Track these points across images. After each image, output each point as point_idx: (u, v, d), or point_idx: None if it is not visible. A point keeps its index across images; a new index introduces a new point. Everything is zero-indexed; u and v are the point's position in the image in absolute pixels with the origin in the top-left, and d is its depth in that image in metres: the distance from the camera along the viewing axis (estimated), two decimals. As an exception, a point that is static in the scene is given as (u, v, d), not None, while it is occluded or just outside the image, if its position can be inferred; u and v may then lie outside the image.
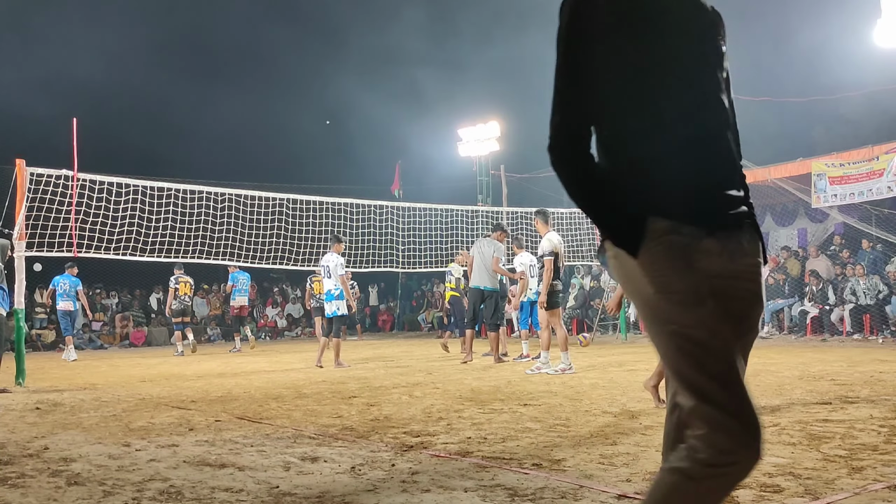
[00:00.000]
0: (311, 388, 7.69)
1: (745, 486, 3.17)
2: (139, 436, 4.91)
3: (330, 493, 3.29)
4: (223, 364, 11.96)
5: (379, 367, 10.12)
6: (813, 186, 14.62)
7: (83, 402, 6.90)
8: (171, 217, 11.03)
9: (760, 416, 1.59)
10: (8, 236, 8.88)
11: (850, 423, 4.62)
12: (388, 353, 11.39)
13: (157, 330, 21.14)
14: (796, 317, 14.38)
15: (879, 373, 7.57)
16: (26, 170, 9.02)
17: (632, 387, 6.88)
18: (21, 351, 8.88)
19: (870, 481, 3.23)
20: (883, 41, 13.21)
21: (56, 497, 3.37)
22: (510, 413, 5.47)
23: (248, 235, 11.91)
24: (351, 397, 6.75)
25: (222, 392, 7.51)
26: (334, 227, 12.98)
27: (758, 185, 16.23)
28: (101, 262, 13.34)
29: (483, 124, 21.19)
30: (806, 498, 3.01)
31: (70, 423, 5.62)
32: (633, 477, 3.41)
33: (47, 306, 16.46)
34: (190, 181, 12.73)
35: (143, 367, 11.63)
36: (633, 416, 5.15)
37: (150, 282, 21.44)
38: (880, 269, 13.87)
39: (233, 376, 9.46)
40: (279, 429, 5.09)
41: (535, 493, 3.18)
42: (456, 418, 5.30)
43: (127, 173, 10.91)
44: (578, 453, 3.96)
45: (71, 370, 11.47)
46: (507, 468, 3.67)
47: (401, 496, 3.23)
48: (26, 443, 4.77)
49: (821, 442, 4.08)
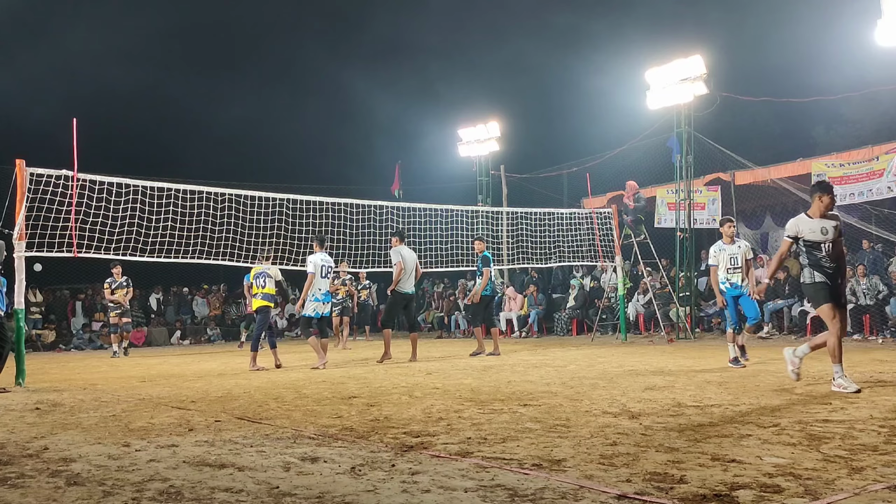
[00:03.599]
0: (311, 388, 7.68)
1: (745, 486, 3.18)
2: (139, 436, 4.91)
3: (330, 493, 3.29)
4: (223, 364, 11.96)
5: (379, 368, 10.11)
6: (813, 186, 14.60)
7: (83, 402, 6.90)
8: (171, 217, 11.01)
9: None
10: (7, 237, 8.88)
11: (850, 423, 4.62)
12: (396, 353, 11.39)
13: (157, 330, 21.15)
14: (796, 317, 14.37)
15: (879, 373, 7.57)
16: (26, 170, 9.01)
17: (632, 387, 6.88)
18: (21, 351, 8.88)
19: (870, 481, 3.23)
20: (883, 41, 13.19)
21: (56, 497, 3.36)
22: (510, 413, 5.46)
23: (248, 235, 11.90)
24: (351, 397, 6.75)
25: (222, 392, 7.50)
26: (334, 227, 12.97)
27: (758, 185, 16.26)
28: (101, 262, 13.35)
29: (483, 124, 21.19)
30: (806, 498, 3.01)
31: (70, 423, 5.62)
32: (633, 477, 3.41)
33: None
34: (190, 181, 12.73)
35: (143, 367, 11.64)
36: (633, 416, 5.15)
37: (150, 282, 21.45)
38: (880, 269, 13.86)
39: (233, 376, 9.46)
40: (279, 429, 5.08)
41: (535, 493, 3.18)
42: (456, 418, 5.29)
43: (127, 173, 10.90)
44: (578, 453, 3.96)
45: (71, 370, 11.48)
46: (507, 468, 3.66)
47: (401, 496, 3.23)
48: (26, 443, 4.77)
49: (821, 442, 4.08)
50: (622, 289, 15.67)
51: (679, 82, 15.44)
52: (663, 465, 3.61)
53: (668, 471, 3.50)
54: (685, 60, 15.35)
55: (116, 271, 15.01)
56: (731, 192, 16.30)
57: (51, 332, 19.30)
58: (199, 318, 22.31)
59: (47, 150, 11.90)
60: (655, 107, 16.21)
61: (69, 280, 20.40)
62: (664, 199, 17.03)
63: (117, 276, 15.07)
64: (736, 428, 4.57)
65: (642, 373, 8.27)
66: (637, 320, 16.93)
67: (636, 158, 18.08)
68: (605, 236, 15.89)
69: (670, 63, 15.54)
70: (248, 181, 14.70)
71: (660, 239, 16.77)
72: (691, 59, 15.27)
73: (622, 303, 15.70)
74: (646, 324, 16.82)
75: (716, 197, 16.36)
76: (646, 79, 16.02)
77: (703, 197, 16.40)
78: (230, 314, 22.66)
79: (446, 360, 11.15)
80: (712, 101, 15.74)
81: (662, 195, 17.10)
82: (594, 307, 17.42)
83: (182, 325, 21.67)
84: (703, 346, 13.09)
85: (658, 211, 17.26)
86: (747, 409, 5.35)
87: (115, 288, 15.05)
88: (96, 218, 10.04)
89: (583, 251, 15.90)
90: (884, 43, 13.20)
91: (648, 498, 3.06)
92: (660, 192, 17.21)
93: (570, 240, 15.79)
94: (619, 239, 15.81)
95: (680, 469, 3.53)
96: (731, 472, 3.45)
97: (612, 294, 16.80)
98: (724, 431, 4.46)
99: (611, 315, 17.11)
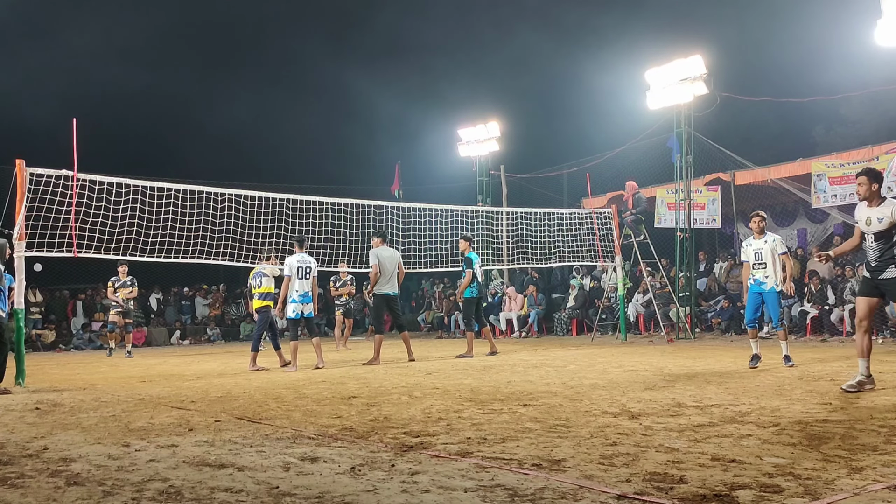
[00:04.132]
0: (311, 388, 7.68)
1: (745, 486, 3.18)
2: (139, 436, 4.91)
3: (330, 493, 3.29)
4: (223, 364, 11.96)
5: (379, 368, 10.11)
6: (813, 186, 14.62)
7: (83, 403, 6.90)
8: (171, 217, 11.01)
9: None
10: (8, 236, 8.88)
11: (850, 423, 4.62)
12: (388, 354, 11.39)
13: (157, 330, 21.15)
14: (796, 317, 14.37)
15: (879, 373, 7.57)
16: (26, 170, 9.01)
17: (632, 387, 6.88)
18: (21, 351, 8.87)
19: (870, 481, 3.23)
20: (883, 41, 13.19)
21: (55, 497, 3.36)
22: (510, 413, 5.46)
23: (249, 235, 11.90)
24: (350, 397, 6.75)
25: (222, 392, 7.50)
26: (334, 227, 12.97)
27: (758, 185, 16.25)
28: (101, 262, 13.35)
29: (483, 124, 21.19)
30: (806, 498, 3.01)
31: (69, 423, 5.61)
32: (633, 477, 3.41)
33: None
34: (190, 181, 12.73)
35: (143, 367, 11.64)
36: (633, 416, 5.15)
37: (150, 282, 21.45)
38: (880, 269, 13.84)
39: (233, 376, 9.46)
40: (279, 429, 5.08)
41: (535, 493, 3.18)
42: (456, 418, 5.29)
43: (127, 173, 10.89)
44: (578, 453, 3.96)
45: (71, 370, 11.47)
46: (507, 468, 3.66)
47: (401, 496, 3.23)
48: (26, 443, 4.76)
49: (821, 442, 4.07)
50: (622, 289, 15.67)
51: (679, 82, 15.43)
52: (663, 465, 3.61)
53: (668, 471, 3.50)
54: (685, 60, 15.34)
55: (122, 270, 14.78)
56: (731, 192, 16.29)
57: (51, 332, 19.30)
58: (199, 318, 22.31)
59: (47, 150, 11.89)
60: (655, 107, 16.20)
61: (69, 280, 20.40)
62: (664, 199, 17.03)
63: (122, 274, 14.85)
64: (736, 428, 4.57)
65: (642, 373, 8.27)
66: (637, 320, 16.92)
67: (636, 158, 18.08)
68: (605, 236, 15.89)
69: (670, 63, 15.54)
70: (248, 181, 14.71)
71: (660, 239, 16.77)
72: (691, 59, 15.27)
73: (622, 303, 15.70)
74: (646, 324, 16.82)
75: (716, 197, 16.36)
76: (646, 79, 16.02)
77: (703, 197, 16.40)
78: (230, 314, 22.66)
79: (446, 360, 11.15)
80: (712, 101, 15.74)
81: (662, 195, 17.10)
82: (594, 307, 17.42)
83: (182, 325, 21.67)
84: (703, 346, 13.09)
85: (658, 211, 17.26)
86: (747, 409, 5.35)
87: (118, 286, 14.88)
88: (96, 218, 10.04)
89: (583, 251, 15.91)
90: (884, 43, 13.20)
91: (648, 498, 3.06)
92: (660, 192, 17.20)
93: (570, 240, 15.79)
94: (619, 239, 15.81)
95: (680, 469, 3.53)
96: (731, 472, 3.45)
97: (612, 294, 16.80)
98: (724, 431, 4.46)
99: (611, 315, 17.11)
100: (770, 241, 8.67)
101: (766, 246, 8.65)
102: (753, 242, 8.81)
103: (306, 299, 10.29)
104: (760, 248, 8.68)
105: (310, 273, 10.35)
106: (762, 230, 8.79)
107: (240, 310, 22.60)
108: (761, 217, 8.88)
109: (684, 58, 15.36)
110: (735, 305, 15.48)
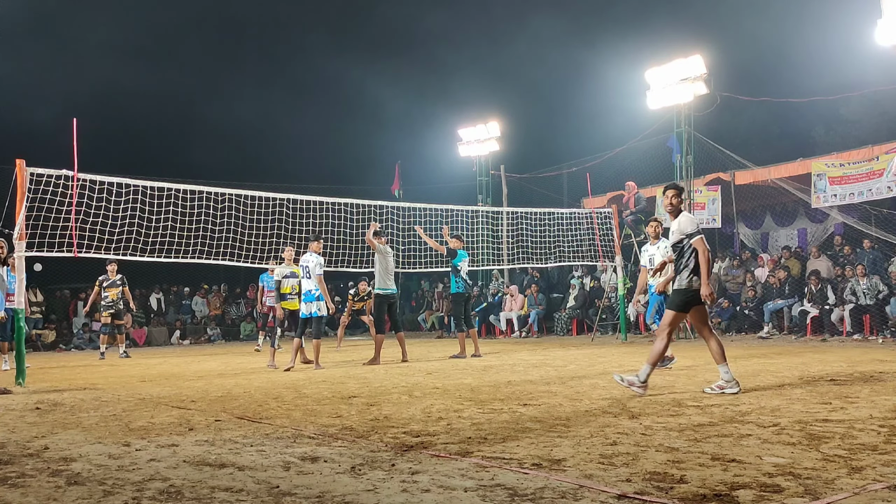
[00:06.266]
0: (311, 388, 7.69)
1: (746, 486, 3.18)
2: (139, 435, 4.91)
3: (330, 493, 3.29)
4: (223, 364, 11.96)
5: (379, 367, 10.12)
6: (813, 186, 14.62)
7: (83, 402, 6.90)
8: (171, 217, 11.01)
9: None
10: (7, 237, 8.87)
11: (850, 423, 4.62)
12: (388, 354, 11.39)
13: (157, 330, 21.15)
14: (796, 317, 14.37)
15: (879, 373, 7.57)
16: (26, 170, 9.01)
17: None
18: (21, 351, 8.88)
19: (870, 481, 3.23)
20: (883, 41, 13.20)
21: (56, 497, 3.37)
22: (510, 413, 5.47)
23: (249, 235, 11.90)
24: (351, 397, 6.75)
25: (222, 392, 7.51)
26: (334, 227, 12.97)
27: (758, 185, 16.26)
28: (102, 263, 13.34)
29: (483, 124, 21.19)
30: (806, 498, 3.01)
31: (70, 422, 5.62)
32: (633, 477, 3.41)
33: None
34: (190, 181, 12.72)
35: (143, 367, 11.64)
36: (633, 416, 5.15)
37: (150, 282, 21.46)
38: (880, 269, 13.86)
39: (233, 376, 9.47)
40: (279, 429, 5.08)
41: (535, 493, 3.18)
42: (456, 418, 5.30)
43: (127, 173, 10.90)
44: (578, 453, 3.96)
45: (71, 370, 11.47)
46: (506, 468, 3.67)
47: (401, 496, 3.23)
48: (26, 442, 4.77)
49: (821, 442, 4.08)
50: (622, 289, 15.67)
51: (679, 82, 15.45)
52: (663, 465, 3.61)
53: (668, 470, 3.50)
54: (685, 60, 15.35)
55: (111, 269, 14.32)
56: (731, 192, 16.30)
57: (51, 332, 19.30)
58: (199, 318, 22.31)
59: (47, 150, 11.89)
60: (655, 107, 16.21)
61: (69, 280, 20.40)
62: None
63: (111, 273, 14.39)
64: (736, 428, 4.57)
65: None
66: (637, 320, 16.93)
67: (636, 158, 18.10)
68: (605, 236, 15.89)
69: (670, 63, 15.55)
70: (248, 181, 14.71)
71: (660, 239, 16.76)
72: (691, 59, 15.28)
73: (622, 303, 15.70)
74: (646, 324, 16.81)
75: (716, 197, 16.37)
76: (646, 79, 16.03)
77: (703, 197, 16.41)
78: (230, 314, 22.66)
79: (446, 360, 11.14)
80: (712, 101, 15.75)
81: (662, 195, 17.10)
82: (594, 307, 17.42)
83: (182, 325, 21.67)
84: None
85: (658, 211, 17.25)
86: (747, 409, 5.35)
87: (107, 286, 14.37)
88: (96, 218, 10.04)
89: (583, 251, 15.91)
90: (884, 43, 13.21)
91: (648, 498, 3.06)
92: (660, 192, 17.21)
93: (570, 240, 15.79)
94: (619, 239, 15.81)
95: (680, 469, 3.53)
96: (731, 471, 3.45)
97: (612, 294, 16.80)
98: (724, 431, 4.46)
99: (611, 315, 17.12)
100: (662, 248, 8.86)
101: (657, 252, 8.90)
102: (649, 248, 9.11)
103: (309, 298, 10.27)
104: (654, 253, 8.99)
105: (309, 271, 10.31)
106: (657, 235, 9.08)
107: (240, 310, 22.60)
108: (658, 223, 9.22)
109: (684, 58, 15.37)
110: (735, 305, 15.49)
